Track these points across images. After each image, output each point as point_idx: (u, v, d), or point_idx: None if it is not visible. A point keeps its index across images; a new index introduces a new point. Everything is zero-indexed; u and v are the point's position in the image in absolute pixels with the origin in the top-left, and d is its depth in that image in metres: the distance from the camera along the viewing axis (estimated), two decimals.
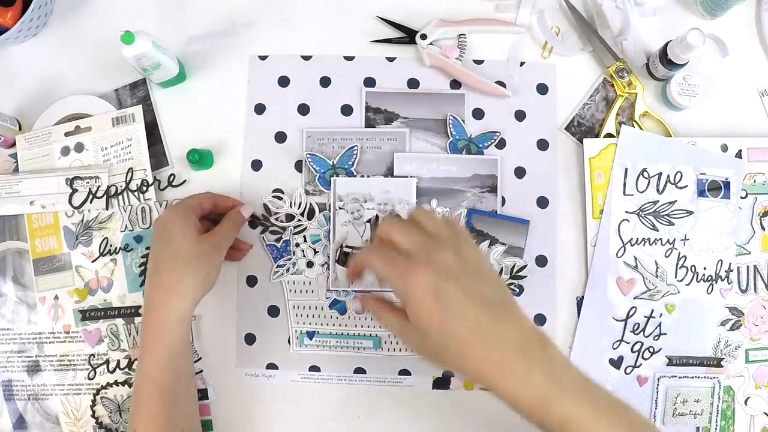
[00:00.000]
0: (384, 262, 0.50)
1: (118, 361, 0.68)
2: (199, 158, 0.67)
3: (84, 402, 0.68)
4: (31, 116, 0.72)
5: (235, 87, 0.72)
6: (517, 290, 0.68)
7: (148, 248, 0.68)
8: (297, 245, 0.69)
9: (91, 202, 0.69)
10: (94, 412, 0.67)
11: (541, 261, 0.69)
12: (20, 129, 0.72)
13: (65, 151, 0.70)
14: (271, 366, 0.69)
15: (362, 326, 0.68)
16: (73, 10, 0.75)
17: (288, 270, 0.69)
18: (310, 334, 0.69)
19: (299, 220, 0.69)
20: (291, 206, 0.69)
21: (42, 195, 0.69)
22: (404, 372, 0.68)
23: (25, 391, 0.68)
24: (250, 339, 0.69)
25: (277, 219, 0.69)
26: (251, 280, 0.69)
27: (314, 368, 0.68)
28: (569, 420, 0.46)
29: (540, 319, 0.68)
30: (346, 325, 0.69)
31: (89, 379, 0.68)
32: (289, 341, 0.69)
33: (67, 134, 0.70)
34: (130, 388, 0.67)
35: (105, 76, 0.72)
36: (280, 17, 0.74)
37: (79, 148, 0.70)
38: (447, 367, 0.50)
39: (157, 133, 0.71)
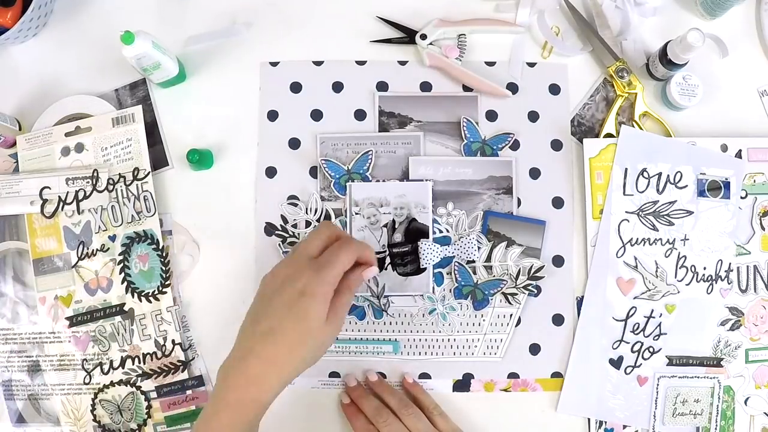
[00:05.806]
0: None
1: (111, 362, 0.67)
2: (199, 158, 0.67)
3: (84, 402, 0.68)
4: (31, 116, 0.72)
5: (235, 86, 0.72)
6: (535, 291, 0.68)
7: (124, 245, 0.68)
8: None
9: (62, 209, 0.69)
10: (95, 416, 0.67)
11: (558, 261, 0.69)
12: (20, 129, 0.72)
13: (65, 151, 0.70)
14: None
15: (381, 331, 0.68)
16: (73, 10, 0.75)
17: None
18: None
19: (315, 226, 0.69)
20: (307, 212, 0.69)
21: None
22: (424, 375, 0.68)
23: (25, 391, 0.68)
24: None
25: (294, 227, 0.69)
26: None
27: (334, 374, 0.68)
28: None
29: (558, 320, 0.68)
30: (365, 331, 0.68)
31: (85, 383, 0.68)
32: None
33: (67, 134, 0.70)
34: (128, 387, 0.67)
35: (105, 76, 0.72)
36: (280, 17, 0.74)
37: (80, 148, 0.70)
38: None
39: (157, 133, 0.71)
